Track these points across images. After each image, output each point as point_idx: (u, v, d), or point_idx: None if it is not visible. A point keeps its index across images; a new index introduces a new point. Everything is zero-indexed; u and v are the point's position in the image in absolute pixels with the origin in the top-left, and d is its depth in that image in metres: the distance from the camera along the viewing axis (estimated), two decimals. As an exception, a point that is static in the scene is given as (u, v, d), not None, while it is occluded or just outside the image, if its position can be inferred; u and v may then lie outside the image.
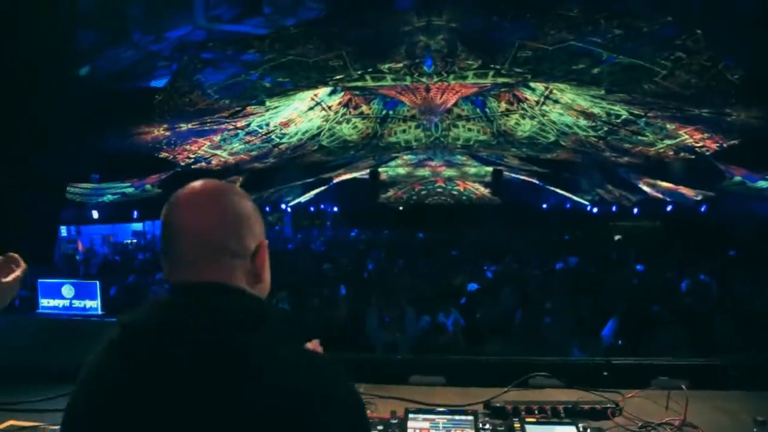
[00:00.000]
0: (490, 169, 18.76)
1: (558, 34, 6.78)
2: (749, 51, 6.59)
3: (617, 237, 20.62)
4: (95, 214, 10.21)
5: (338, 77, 9.17)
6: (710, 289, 9.11)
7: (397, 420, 1.96)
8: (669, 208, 16.92)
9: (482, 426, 1.91)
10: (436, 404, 2.10)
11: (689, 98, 8.09)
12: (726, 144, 9.96)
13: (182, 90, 8.16)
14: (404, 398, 2.21)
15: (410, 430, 1.91)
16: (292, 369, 0.99)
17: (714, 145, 10.28)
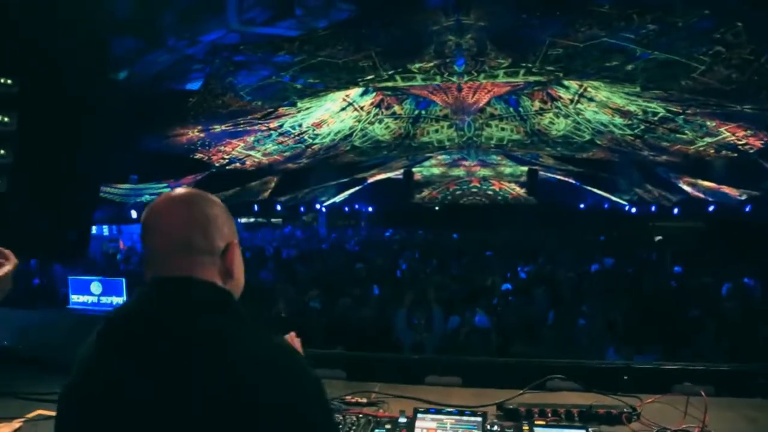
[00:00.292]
0: (526, 169, 18.48)
1: (589, 31, 6.64)
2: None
3: (658, 238, 20.02)
4: (134, 214, 10.57)
5: (368, 78, 9.21)
6: (754, 294, 8.77)
7: (406, 420, 1.96)
8: (711, 208, 16.37)
9: (489, 428, 1.90)
10: (448, 405, 2.09)
11: (730, 94, 7.80)
12: (771, 141, 9.63)
13: (216, 92, 8.34)
14: (418, 398, 2.21)
15: (417, 430, 1.91)
16: (249, 350, 1.06)
17: (758, 143, 9.92)
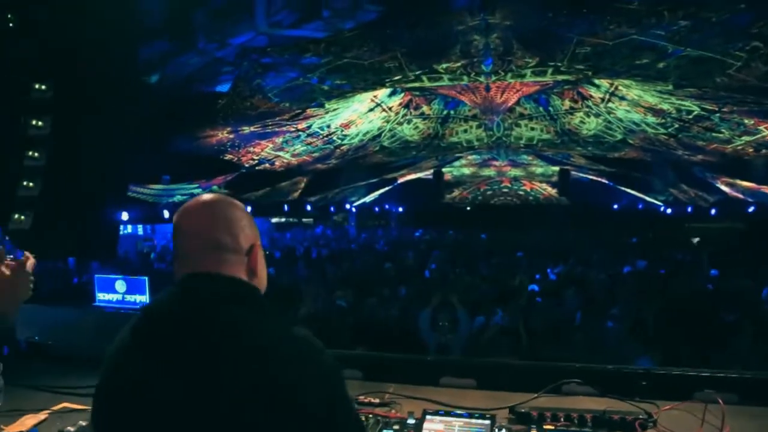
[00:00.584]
0: (557, 169, 18.21)
1: (618, 29, 6.50)
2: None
3: (696, 239, 19.42)
4: (166, 214, 10.79)
5: (395, 78, 9.22)
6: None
7: (414, 421, 1.97)
8: (751, 209, 15.83)
9: (498, 431, 1.88)
10: (458, 407, 2.08)
11: (769, 91, 7.56)
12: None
13: (244, 94, 8.47)
14: (430, 399, 2.21)
15: (425, 432, 1.91)
16: (274, 340, 1.16)
17: (801, 142, 9.58)
